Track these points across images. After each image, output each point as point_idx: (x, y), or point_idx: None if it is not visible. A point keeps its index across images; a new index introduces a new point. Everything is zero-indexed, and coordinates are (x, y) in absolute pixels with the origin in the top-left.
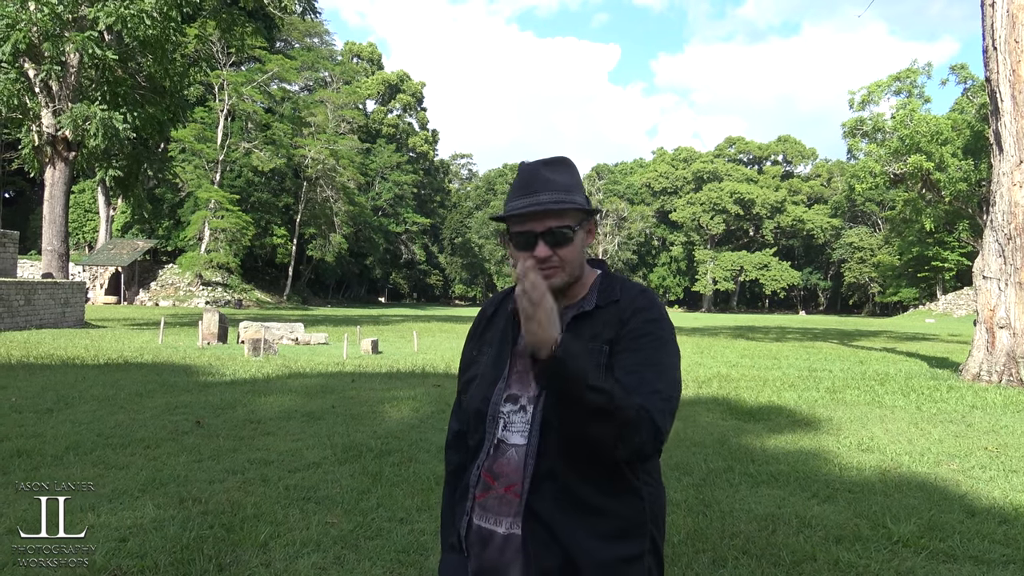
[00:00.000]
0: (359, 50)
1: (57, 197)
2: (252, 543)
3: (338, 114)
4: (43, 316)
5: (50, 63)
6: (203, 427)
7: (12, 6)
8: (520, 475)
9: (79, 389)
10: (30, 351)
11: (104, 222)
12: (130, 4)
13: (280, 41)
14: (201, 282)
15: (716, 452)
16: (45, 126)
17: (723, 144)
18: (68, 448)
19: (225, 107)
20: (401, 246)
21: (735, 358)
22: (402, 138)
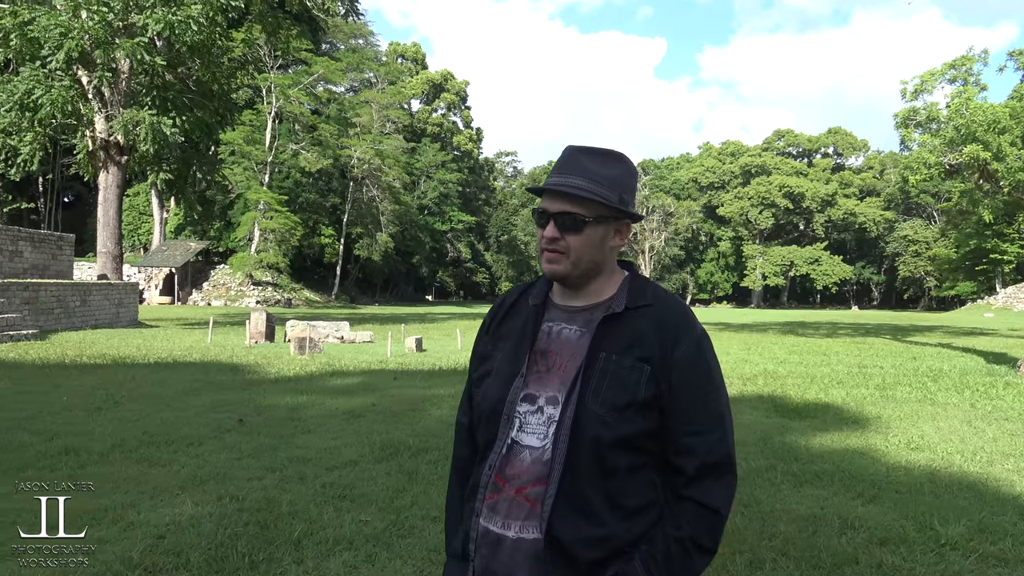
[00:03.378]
0: (403, 50)
1: (111, 200)
2: (285, 541)
3: (383, 114)
4: (98, 316)
5: (102, 70)
6: (245, 425)
7: (65, 15)
8: (533, 478)
9: (128, 388)
10: (84, 351)
11: (158, 224)
12: (177, 10)
13: (326, 43)
14: (252, 282)
15: (758, 450)
16: (98, 131)
17: (771, 137)
18: (114, 446)
19: (273, 109)
20: (447, 244)
21: (783, 354)
22: (447, 137)
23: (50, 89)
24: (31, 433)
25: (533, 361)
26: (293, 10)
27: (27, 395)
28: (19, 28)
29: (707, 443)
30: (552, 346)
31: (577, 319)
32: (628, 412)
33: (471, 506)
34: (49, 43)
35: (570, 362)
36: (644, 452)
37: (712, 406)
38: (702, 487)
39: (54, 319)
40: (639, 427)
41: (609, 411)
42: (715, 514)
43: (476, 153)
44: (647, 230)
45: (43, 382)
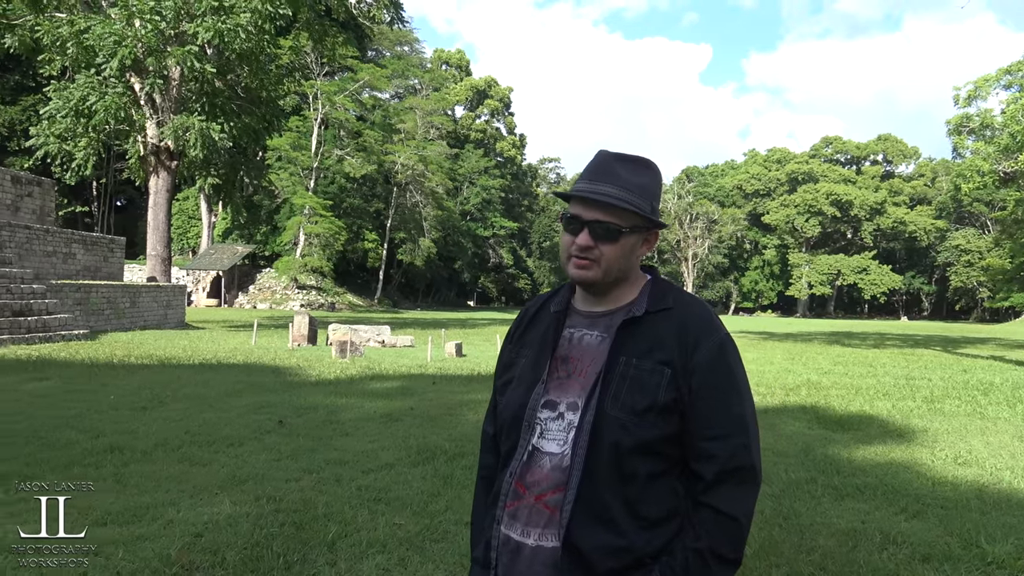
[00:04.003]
0: (448, 57)
1: (160, 205)
2: (320, 542)
3: (427, 120)
4: (147, 318)
5: (153, 77)
6: (285, 427)
7: (119, 24)
8: (552, 484)
9: (173, 388)
10: (132, 351)
11: (206, 228)
12: (227, 19)
13: (372, 50)
14: (296, 285)
15: (799, 462)
16: (149, 137)
17: (819, 144)
18: (157, 445)
19: (319, 116)
20: (489, 250)
21: (827, 365)
22: (490, 143)
23: (104, 96)
24: (78, 431)
25: (554, 367)
26: (340, 18)
27: (76, 394)
28: (75, 37)
29: (728, 448)
30: (573, 352)
31: (598, 324)
32: (648, 416)
33: (492, 513)
34: (103, 51)
35: (590, 367)
36: (665, 458)
37: (735, 411)
38: (721, 494)
39: (104, 320)
40: (659, 432)
41: (628, 415)
42: (734, 522)
43: (519, 159)
44: (690, 237)
45: (91, 381)
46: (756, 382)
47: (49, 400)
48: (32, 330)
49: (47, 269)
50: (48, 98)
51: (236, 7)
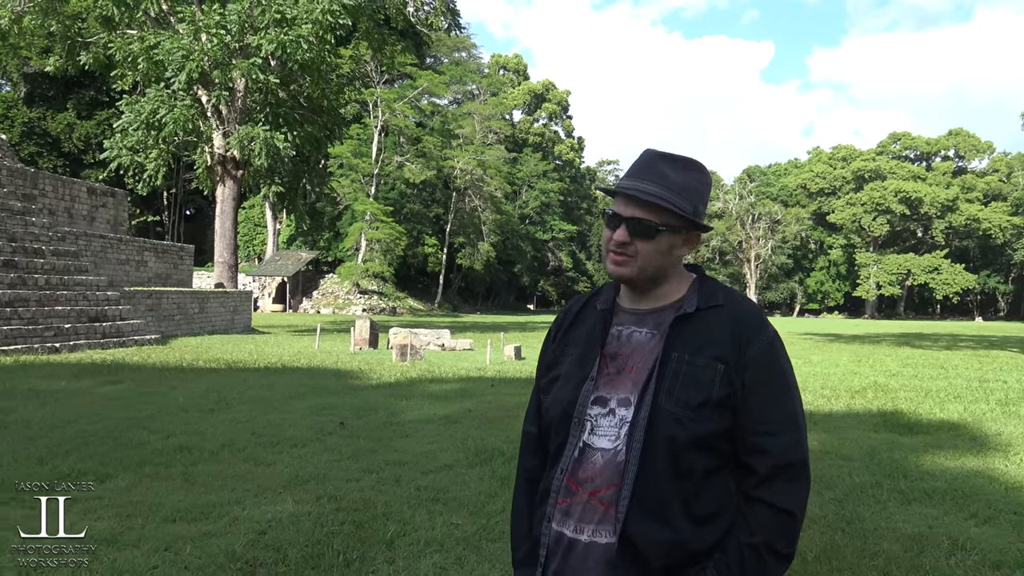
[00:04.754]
0: (505, 62)
1: (227, 213)
2: (379, 541)
3: (485, 125)
4: (215, 323)
5: (219, 89)
6: (346, 428)
7: (187, 39)
8: (606, 481)
9: (239, 391)
10: (200, 355)
11: (271, 235)
12: (288, 31)
13: (430, 57)
14: (358, 290)
15: (864, 466)
16: (216, 147)
17: (886, 140)
18: (224, 445)
19: (379, 123)
20: (548, 253)
21: (896, 367)
22: (548, 146)
23: (173, 108)
24: (150, 432)
25: (603, 364)
26: (399, 26)
27: (147, 396)
28: (146, 52)
29: (782, 444)
30: (623, 349)
31: (647, 322)
32: (704, 411)
33: (542, 511)
34: (172, 65)
35: (641, 364)
36: (719, 454)
37: (788, 407)
38: (775, 489)
39: (175, 325)
40: (714, 427)
41: (684, 410)
42: (790, 517)
43: (578, 162)
44: (753, 238)
45: (162, 384)
46: (821, 385)
47: (122, 402)
48: (107, 335)
49: (121, 276)
50: (121, 112)
51: (298, 19)
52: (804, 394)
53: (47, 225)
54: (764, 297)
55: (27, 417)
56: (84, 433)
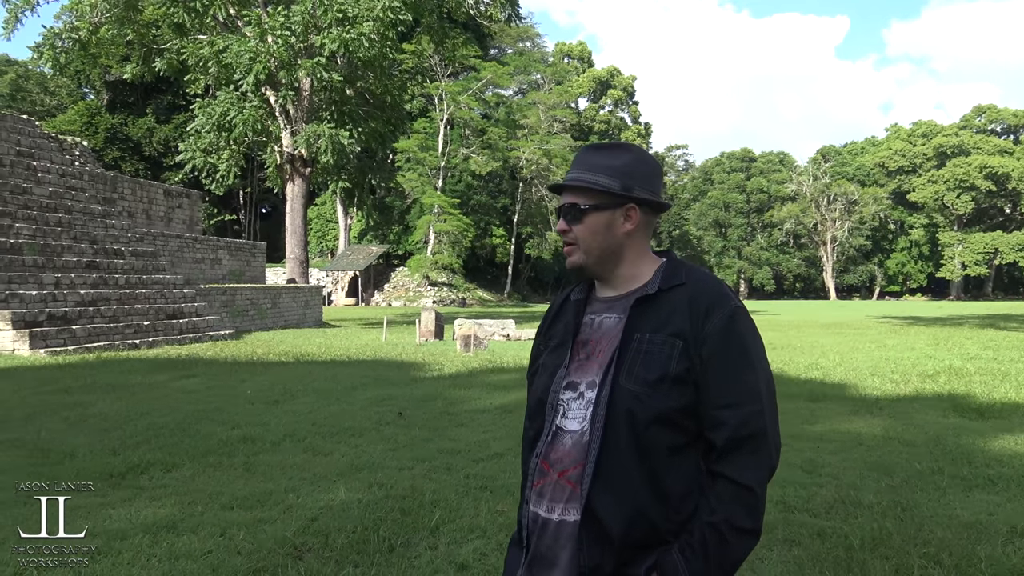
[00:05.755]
0: (569, 50)
1: (297, 210)
2: (424, 527)
3: (550, 114)
4: (287, 317)
5: (286, 89)
6: (404, 418)
7: (254, 41)
8: (573, 460)
9: (304, 383)
10: (271, 348)
11: (343, 230)
12: (350, 29)
13: (494, 48)
14: (428, 283)
15: (927, 452)
16: (284, 146)
17: (970, 114)
18: (286, 436)
19: (444, 116)
20: None
21: (976, 350)
22: (614, 133)
23: (242, 110)
24: (217, 423)
25: (575, 352)
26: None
27: (217, 389)
28: (215, 56)
29: (739, 416)
30: (593, 335)
31: (616, 307)
32: (662, 387)
33: (523, 495)
34: (240, 68)
35: (608, 347)
36: (684, 431)
37: (748, 380)
38: (733, 462)
39: (248, 320)
40: (674, 402)
41: (642, 387)
42: (748, 491)
43: (645, 148)
44: (828, 220)
45: (232, 378)
46: (891, 369)
47: (194, 395)
48: (183, 331)
49: (196, 274)
50: (194, 115)
51: (359, 17)
52: (872, 379)
53: (126, 227)
54: (842, 280)
55: (105, 410)
56: (155, 425)
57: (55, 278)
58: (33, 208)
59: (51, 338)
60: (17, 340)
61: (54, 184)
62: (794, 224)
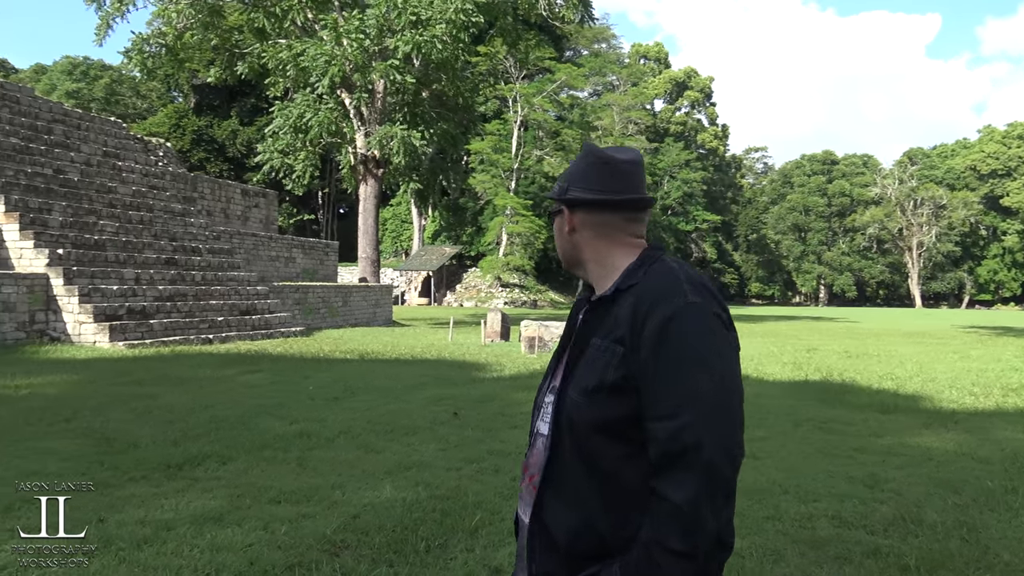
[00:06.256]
0: (646, 51)
1: (369, 210)
2: (463, 529)
3: (624, 116)
4: (357, 316)
5: (360, 91)
6: (459, 418)
7: (329, 45)
8: (539, 466)
9: (365, 380)
10: (338, 346)
11: (417, 231)
12: (423, 31)
13: (569, 50)
14: (500, 284)
15: (1001, 470)
16: (358, 147)
17: None
18: (341, 432)
19: (518, 118)
20: (692, 245)
21: None
22: (690, 135)
23: (318, 112)
24: (276, 418)
25: (565, 354)
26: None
27: (280, 384)
28: (293, 59)
29: (669, 428)
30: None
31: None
32: (597, 396)
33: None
34: (316, 71)
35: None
36: (630, 441)
37: (681, 389)
38: (667, 478)
39: (320, 318)
40: (613, 412)
41: (581, 395)
42: (677, 510)
43: (722, 150)
44: (915, 224)
45: (296, 374)
46: (972, 382)
47: (257, 390)
48: (256, 327)
49: (271, 272)
50: (273, 117)
51: (432, 19)
52: (950, 391)
53: (204, 225)
54: (928, 288)
55: (171, 402)
56: (217, 418)
57: (135, 273)
58: (117, 206)
59: (130, 331)
60: (98, 332)
61: (137, 183)
62: (878, 229)
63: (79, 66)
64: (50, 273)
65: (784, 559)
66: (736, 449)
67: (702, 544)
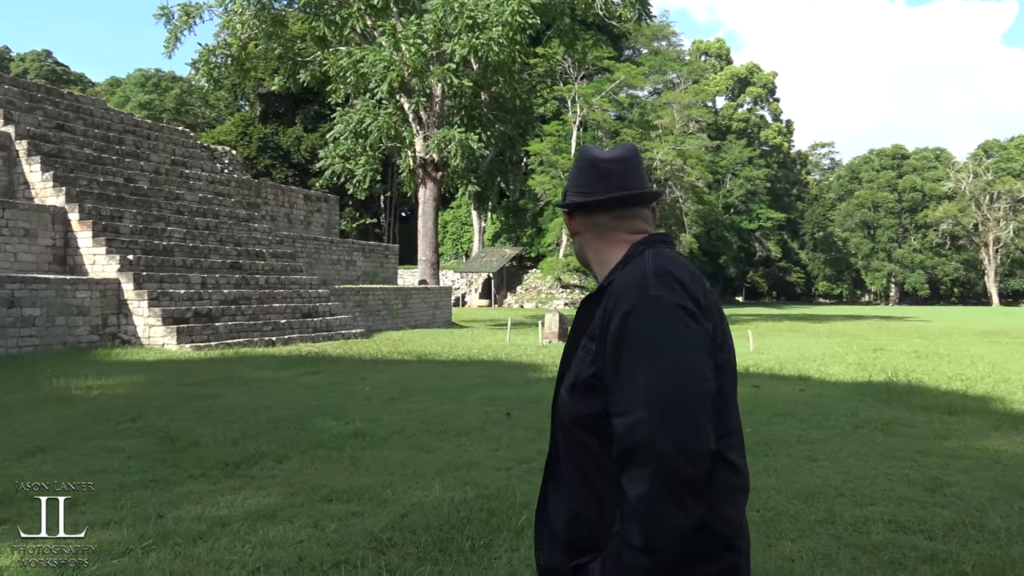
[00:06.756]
0: (707, 47)
1: (428, 213)
2: (508, 529)
3: (685, 114)
4: (416, 318)
5: (418, 95)
6: (511, 419)
7: (388, 51)
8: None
9: (421, 381)
10: (396, 347)
11: (477, 233)
12: (480, 34)
13: (628, 49)
14: (560, 285)
15: None
16: (417, 151)
17: None
18: (395, 432)
19: (577, 119)
20: (755, 243)
21: None
22: (753, 132)
23: (377, 117)
24: (332, 418)
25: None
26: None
27: (338, 385)
28: (353, 66)
29: (624, 424)
30: None
31: None
32: (575, 393)
33: None
34: (375, 76)
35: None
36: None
37: (639, 381)
38: (627, 473)
39: (380, 320)
40: (589, 408)
41: (566, 391)
42: (634, 506)
43: (786, 147)
44: (991, 220)
45: (354, 375)
46: None
47: (315, 391)
48: (317, 329)
49: (332, 275)
50: (334, 123)
51: (488, 22)
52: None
53: (268, 230)
54: (1007, 285)
55: (232, 402)
56: (275, 418)
57: (201, 278)
58: (184, 213)
59: (196, 334)
60: (167, 335)
61: (204, 190)
62: (951, 225)
63: (151, 78)
64: (121, 278)
65: (835, 563)
66: (694, 442)
67: (663, 541)
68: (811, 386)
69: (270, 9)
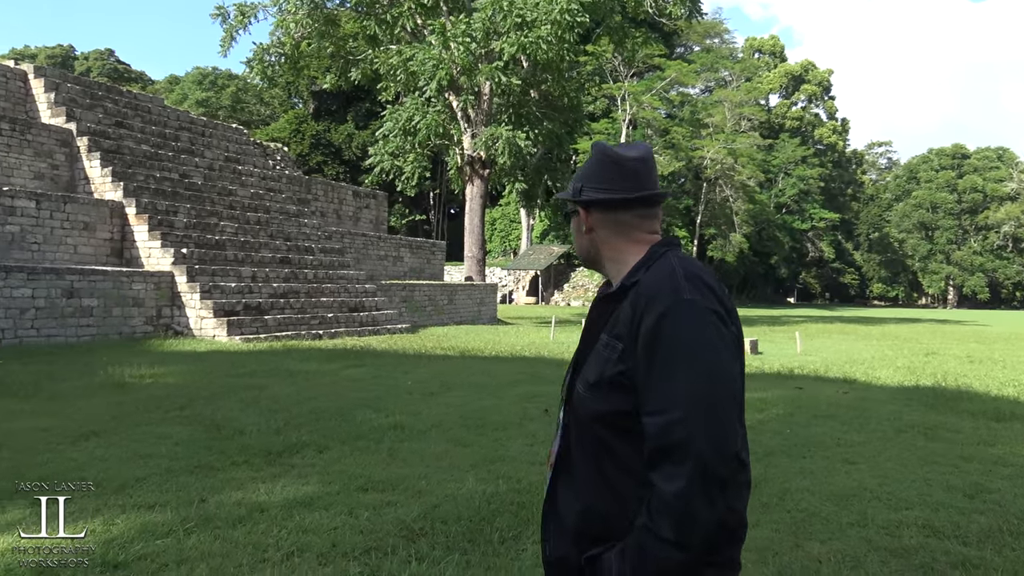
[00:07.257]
0: (760, 44)
1: (475, 210)
2: (537, 522)
3: (736, 112)
4: (462, 314)
5: (467, 93)
6: (549, 415)
7: (437, 49)
8: (555, 452)
9: (462, 377)
10: (440, 343)
11: (525, 230)
12: (528, 33)
13: (680, 47)
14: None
15: None
16: (465, 148)
17: None
18: (433, 426)
19: (627, 117)
20: (808, 244)
21: None
22: (807, 130)
23: (426, 115)
24: (373, 410)
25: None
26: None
27: (381, 379)
28: (403, 64)
29: (659, 423)
30: None
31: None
32: (597, 390)
33: None
34: (424, 75)
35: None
36: (631, 432)
37: (672, 385)
38: (661, 470)
39: (425, 316)
40: (611, 406)
41: (585, 388)
42: (669, 501)
43: (841, 146)
44: None
45: (397, 369)
46: None
47: (358, 384)
48: (363, 324)
49: (379, 271)
50: (384, 120)
51: (537, 21)
52: None
53: (317, 225)
54: None
55: (277, 393)
56: (318, 409)
57: (252, 272)
58: (236, 208)
59: (246, 326)
60: (218, 327)
61: (255, 186)
62: (1014, 226)
63: (208, 76)
64: (175, 271)
65: (863, 566)
66: (727, 443)
67: (694, 535)
68: (856, 389)
69: (323, 8)
